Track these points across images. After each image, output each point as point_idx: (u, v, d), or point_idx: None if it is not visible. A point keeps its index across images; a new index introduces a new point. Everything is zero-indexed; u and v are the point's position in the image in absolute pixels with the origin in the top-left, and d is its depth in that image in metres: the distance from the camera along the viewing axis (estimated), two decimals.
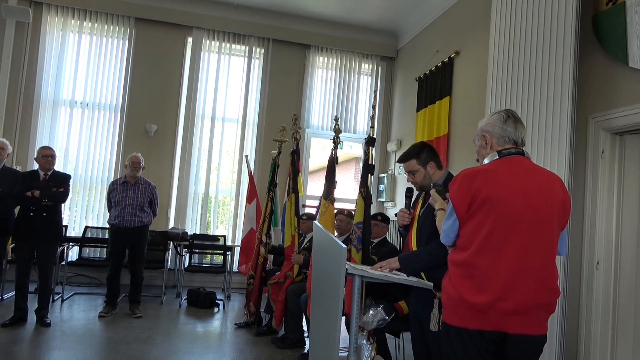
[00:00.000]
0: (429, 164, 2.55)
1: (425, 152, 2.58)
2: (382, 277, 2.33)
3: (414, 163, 2.57)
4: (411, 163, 2.58)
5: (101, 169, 6.49)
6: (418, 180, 2.58)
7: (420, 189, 2.61)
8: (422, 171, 2.55)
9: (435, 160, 2.57)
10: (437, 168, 2.57)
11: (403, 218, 2.59)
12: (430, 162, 2.55)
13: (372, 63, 7.42)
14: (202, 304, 5.45)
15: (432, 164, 2.55)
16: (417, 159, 2.56)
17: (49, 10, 6.36)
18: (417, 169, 2.56)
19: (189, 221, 6.68)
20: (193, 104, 6.75)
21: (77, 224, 6.37)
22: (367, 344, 2.40)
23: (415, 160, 2.57)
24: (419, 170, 2.56)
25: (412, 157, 2.59)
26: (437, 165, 2.57)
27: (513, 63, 3.82)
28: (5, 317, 4.29)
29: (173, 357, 3.77)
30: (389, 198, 6.81)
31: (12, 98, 6.17)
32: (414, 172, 2.58)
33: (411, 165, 2.58)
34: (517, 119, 1.97)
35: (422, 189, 2.59)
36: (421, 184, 2.57)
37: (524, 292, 1.74)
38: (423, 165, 2.55)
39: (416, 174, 2.57)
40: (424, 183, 2.56)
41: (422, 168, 2.55)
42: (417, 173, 2.56)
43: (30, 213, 4.31)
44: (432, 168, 2.55)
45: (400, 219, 2.61)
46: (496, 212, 1.78)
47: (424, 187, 2.56)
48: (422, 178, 2.56)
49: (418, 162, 2.56)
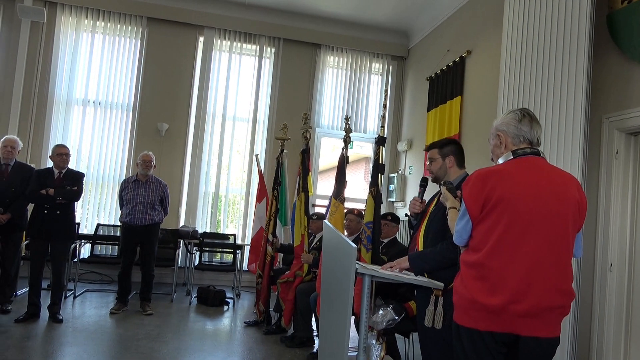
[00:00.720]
0: (448, 157, 2.57)
1: (450, 147, 2.61)
2: (392, 276, 2.32)
3: (435, 151, 2.62)
4: (433, 151, 2.63)
5: (113, 167, 6.55)
6: (434, 169, 2.61)
7: (435, 180, 2.62)
8: (440, 162, 2.58)
9: (457, 158, 2.58)
10: (456, 165, 2.58)
11: (414, 206, 2.62)
12: (450, 157, 2.57)
13: (382, 62, 7.40)
14: (212, 302, 5.48)
15: (452, 158, 2.57)
16: (439, 149, 2.60)
17: (63, 10, 6.44)
18: (436, 158, 2.60)
19: (199, 220, 6.72)
20: (204, 103, 6.78)
21: (89, 221, 6.44)
22: (376, 343, 2.39)
23: (437, 150, 2.61)
24: (437, 160, 2.59)
25: (436, 146, 2.64)
26: (458, 162, 2.58)
27: (526, 62, 3.79)
28: (19, 312, 4.35)
29: (183, 354, 3.79)
30: (399, 198, 6.79)
31: (26, 97, 6.25)
32: (432, 160, 2.62)
33: (432, 154, 2.63)
34: (532, 118, 1.94)
35: (435, 180, 2.61)
36: (436, 174, 2.60)
37: (537, 294, 1.72)
38: (442, 157, 2.58)
39: (433, 163, 2.61)
40: (438, 174, 2.59)
41: (441, 159, 2.58)
42: (435, 162, 2.60)
43: (45, 211, 4.36)
44: (451, 162, 2.57)
45: (411, 207, 2.64)
46: (510, 213, 1.76)
47: (438, 179, 2.58)
48: (438, 168, 2.59)
49: (439, 152, 2.60)
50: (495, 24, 4.75)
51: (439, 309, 2.22)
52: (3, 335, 3.82)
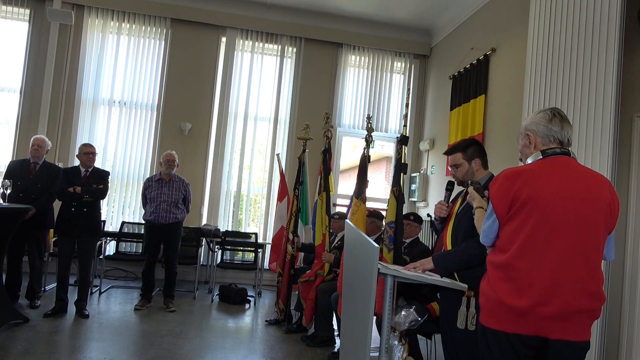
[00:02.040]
0: (474, 160, 2.49)
1: (473, 148, 2.52)
2: (415, 277, 2.30)
3: (459, 156, 2.52)
4: (456, 156, 2.54)
5: (137, 166, 6.67)
6: (460, 175, 2.52)
7: (461, 184, 2.56)
8: (466, 166, 2.50)
9: (482, 159, 2.51)
10: (482, 166, 2.50)
11: (441, 210, 2.55)
12: (475, 159, 2.49)
13: (405, 61, 7.34)
14: (233, 300, 5.53)
15: (478, 161, 2.49)
16: (463, 153, 2.51)
17: (90, 12, 6.58)
18: (461, 163, 2.51)
19: (221, 218, 6.79)
20: (226, 103, 6.85)
21: (114, 219, 6.57)
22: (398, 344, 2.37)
23: (461, 154, 2.52)
24: (463, 165, 2.50)
25: (459, 150, 2.54)
26: (483, 164, 2.51)
27: (552, 59, 3.70)
28: (48, 307, 4.47)
29: (205, 351, 3.84)
30: (422, 198, 6.73)
31: (55, 97, 6.41)
32: (457, 165, 2.53)
33: (456, 159, 2.54)
34: (563, 118, 1.89)
35: (462, 184, 2.54)
36: (462, 179, 2.52)
37: (565, 296, 1.68)
38: (468, 160, 2.50)
39: (459, 168, 2.52)
40: (465, 179, 2.50)
41: (467, 163, 2.50)
42: (461, 167, 2.51)
43: (72, 208, 4.47)
44: (477, 165, 2.49)
45: (437, 211, 2.57)
46: (538, 213, 1.73)
47: (464, 183, 2.51)
48: (465, 173, 2.51)
49: (463, 156, 2.51)
50: (521, 21, 4.65)
51: (471, 310, 2.17)
52: (32, 330, 3.93)
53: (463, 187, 2.53)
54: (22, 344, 3.57)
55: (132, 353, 3.67)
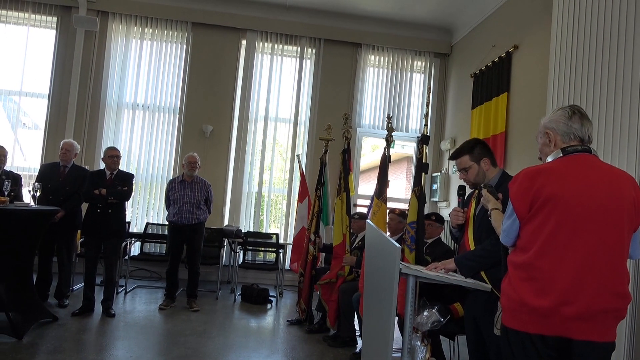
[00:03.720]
0: (482, 160, 2.43)
1: (479, 148, 2.46)
2: (438, 277, 2.28)
3: (466, 159, 2.46)
4: (464, 159, 2.48)
5: (161, 168, 6.79)
6: (471, 178, 2.47)
7: (474, 187, 2.50)
8: (476, 167, 2.44)
9: (490, 157, 2.45)
10: (491, 165, 2.44)
11: (457, 217, 2.50)
12: (484, 158, 2.43)
13: (425, 60, 7.29)
14: (255, 300, 5.57)
15: (487, 160, 2.43)
16: (470, 155, 2.45)
17: (114, 18, 6.73)
18: (470, 165, 2.45)
19: (242, 219, 6.86)
20: (247, 105, 6.91)
21: (139, 220, 6.70)
22: (421, 345, 2.36)
23: (469, 156, 2.46)
24: (472, 167, 2.44)
25: (465, 152, 2.48)
26: (492, 162, 2.45)
27: (577, 56, 3.62)
28: (75, 306, 4.59)
29: (228, 350, 3.88)
30: (443, 198, 6.67)
31: (81, 102, 6.58)
32: (466, 168, 2.47)
33: (464, 162, 2.48)
34: (583, 115, 1.87)
35: (475, 186, 2.49)
36: (474, 181, 2.46)
37: (589, 296, 1.66)
38: (476, 161, 2.44)
39: (469, 171, 2.46)
40: (477, 180, 2.45)
41: (476, 164, 2.44)
42: (470, 169, 2.45)
43: (98, 210, 4.58)
44: (486, 164, 2.43)
45: (454, 219, 2.52)
46: (560, 212, 1.70)
47: (477, 185, 2.46)
48: (475, 175, 2.45)
49: (471, 158, 2.45)
50: (544, 17, 4.57)
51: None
52: (61, 328, 4.04)
53: (476, 189, 2.47)
54: (52, 342, 3.68)
55: (157, 352, 3.74)
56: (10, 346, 3.50)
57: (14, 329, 3.64)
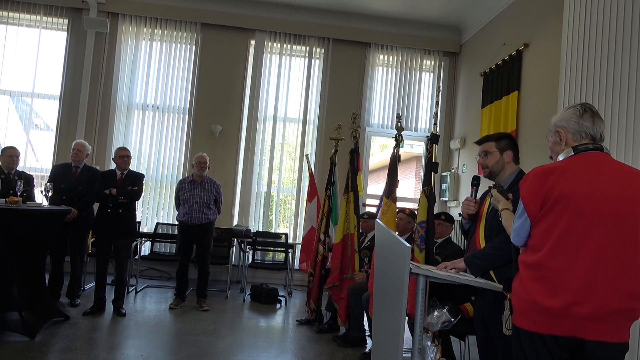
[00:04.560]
0: (506, 151, 2.45)
1: (507, 141, 2.49)
2: (448, 277, 2.27)
3: (491, 145, 2.49)
4: (489, 144, 2.50)
5: (170, 168, 6.83)
6: (490, 163, 2.47)
7: (488, 176, 2.51)
8: (497, 155, 2.46)
9: (514, 152, 2.46)
10: (513, 160, 2.46)
11: (469, 207, 2.50)
12: (508, 151, 2.45)
13: (434, 59, 7.25)
14: (264, 299, 5.58)
15: (510, 153, 2.45)
16: (497, 143, 2.48)
17: (124, 20, 6.79)
18: (493, 151, 2.47)
19: (252, 219, 6.88)
20: (256, 105, 6.93)
21: (149, 220, 6.74)
22: (431, 345, 2.34)
23: (495, 143, 2.48)
24: (494, 154, 2.46)
25: (493, 139, 2.52)
26: (514, 158, 2.47)
27: (589, 53, 3.57)
28: (87, 306, 4.63)
29: (238, 350, 3.89)
30: (452, 197, 6.63)
31: (92, 103, 6.64)
32: (488, 152, 2.48)
33: (488, 147, 2.49)
34: (594, 113, 1.84)
35: (490, 175, 2.49)
36: (492, 168, 2.47)
37: (602, 296, 1.64)
38: (500, 151, 2.46)
39: (489, 156, 2.47)
40: (494, 168, 2.46)
41: (498, 152, 2.46)
42: (491, 155, 2.47)
43: (108, 210, 4.62)
44: (509, 157, 2.45)
45: (465, 208, 2.51)
46: (571, 210, 1.68)
47: (492, 175, 2.47)
48: (495, 162, 2.46)
49: (496, 146, 2.47)
50: (555, 14, 4.52)
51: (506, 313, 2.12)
52: (73, 327, 4.08)
53: (489, 179, 2.48)
54: (64, 341, 3.72)
55: (167, 351, 3.76)
56: (24, 345, 3.54)
57: (27, 328, 3.69)
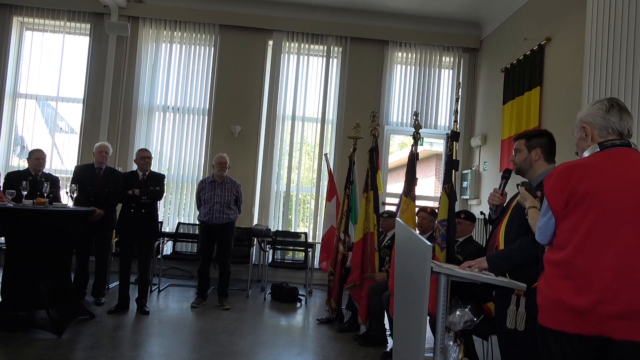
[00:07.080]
0: (534, 149, 2.42)
1: (539, 139, 2.45)
2: (470, 276, 2.24)
3: (522, 142, 2.48)
4: (521, 142, 2.50)
5: (191, 168, 6.91)
6: (517, 161, 2.48)
7: (518, 172, 2.51)
8: (525, 153, 2.44)
9: (545, 151, 2.42)
10: (543, 158, 2.42)
11: (494, 197, 2.53)
12: (536, 149, 2.42)
13: (453, 56, 7.17)
14: (285, 298, 5.61)
15: (538, 150, 2.42)
16: (527, 140, 2.47)
17: (144, 23, 6.90)
18: (521, 149, 2.46)
19: (271, 218, 6.91)
20: (274, 105, 6.96)
21: (171, 220, 6.84)
22: (454, 345, 2.32)
23: (525, 141, 2.47)
24: (522, 151, 2.46)
25: (524, 137, 2.51)
26: (545, 156, 2.42)
27: (614, 47, 3.48)
28: (111, 304, 4.72)
29: (259, 348, 3.92)
30: (474, 195, 6.54)
31: (114, 106, 6.77)
32: (517, 150, 2.50)
33: (519, 144, 2.50)
34: (622, 108, 1.80)
35: (519, 172, 2.49)
36: (519, 166, 2.47)
37: (630, 294, 1.60)
38: (528, 149, 2.44)
39: (518, 154, 2.48)
40: (522, 166, 2.46)
41: (527, 150, 2.44)
42: (520, 153, 2.47)
43: (132, 210, 4.70)
44: (537, 155, 2.42)
45: (490, 198, 2.55)
46: (597, 208, 1.65)
47: (522, 172, 2.46)
48: (522, 160, 2.45)
49: (526, 144, 2.46)
50: (578, 7, 4.42)
51: (520, 310, 2.11)
52: (98, 325, 4.17)
53: (521, 175, 2.47)
54: (89, 339, 3.80)
55: (190, 349, 3.81)
56: (52, 342, 3.63)
57: (54, 326, 3.78)
